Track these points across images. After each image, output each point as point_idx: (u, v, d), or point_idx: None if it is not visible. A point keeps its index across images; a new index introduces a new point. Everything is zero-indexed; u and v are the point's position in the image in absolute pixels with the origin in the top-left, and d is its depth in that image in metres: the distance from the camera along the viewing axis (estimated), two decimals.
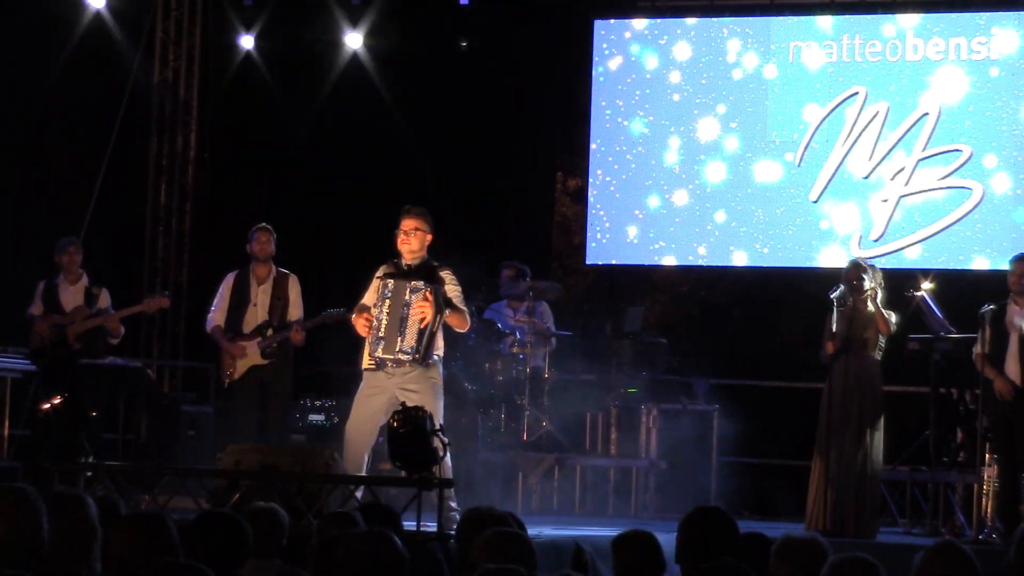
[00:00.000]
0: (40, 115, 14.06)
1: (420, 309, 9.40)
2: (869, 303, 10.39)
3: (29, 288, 11.96)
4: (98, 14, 14.69)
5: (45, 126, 14.12)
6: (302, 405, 12.64)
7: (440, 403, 9.46)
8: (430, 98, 15.27)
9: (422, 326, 9.40)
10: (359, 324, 9.59)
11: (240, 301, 11.40)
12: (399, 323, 9.41)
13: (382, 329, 9.46)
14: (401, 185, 14.80)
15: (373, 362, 9.54)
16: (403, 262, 9.66)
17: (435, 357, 9.57)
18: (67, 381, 11.13)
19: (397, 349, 9.42)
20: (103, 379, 11.79)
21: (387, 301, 9.47)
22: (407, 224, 9.61)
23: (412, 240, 9.60)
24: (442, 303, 9.48)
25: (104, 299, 11.83)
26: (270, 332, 11.31)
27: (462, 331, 9.96)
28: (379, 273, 9.71)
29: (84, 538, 4.47)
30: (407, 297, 9.43)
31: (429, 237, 9.65)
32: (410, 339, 9.40)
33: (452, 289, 9.63)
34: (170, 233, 15.65)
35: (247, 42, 15.52)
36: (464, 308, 9.70)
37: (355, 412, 9.66)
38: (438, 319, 9.47)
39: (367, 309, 9.60)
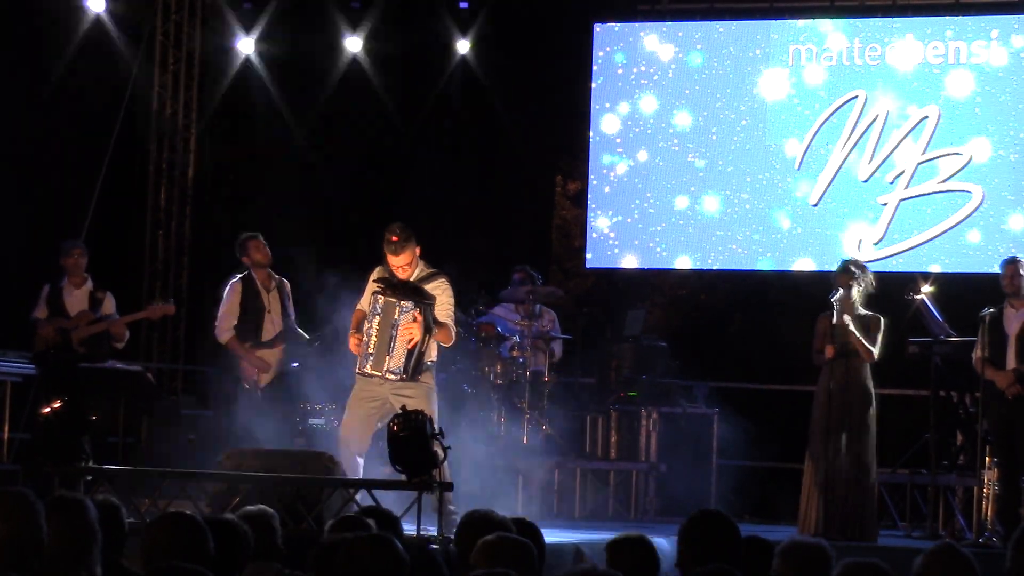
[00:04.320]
0: (40, 118, 14.05)
1: (408, 331, 9.46)
2: (834, 316, 10.37)
3: (31, 292, 11.94)
4: (98, 17, 14.68)
5: (45, 129, 14.11)
6: (302, 408, 12.61)
7: (435, 406, 9.49)
8: (429, 101, 15.26)
9: (410, 347, 9.47)
10: (352, 342, 9.67)
11: (254, 308, 11.25)
12: (388, 342, 9.47)
13: (371, 345, 9.53)
14: (401, 187, 14.81)
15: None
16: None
17: (427, 364, 9.60)
18: (67, 385, 11.11)
19: (385, 368, 9.50)
20: (103, 383, 11.77)
21: (377, 318, 9.52)
22: (399, 260, 9.52)
23: (405, 271, 9.58)
24: (431, 323, 9.51)
25: (109, 304, 11.81)
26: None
27: (446, 346, 9.94)
28: (374, 276, 9.72)
29: (84, 541, 4.46)
30: (396, 317, 9.48)
31: (418, 249, 9.64)
32: (398, 359, 9.47)
33: (443, 301, 9.62)
34: (170, 237, 15.63)
35: (247, 45, 15.51)
36: (450, 323, 9.67)
37: (349, 414, 9.72)
38: (427, 339, 9.53)
39: (362, 318, 9.61)
